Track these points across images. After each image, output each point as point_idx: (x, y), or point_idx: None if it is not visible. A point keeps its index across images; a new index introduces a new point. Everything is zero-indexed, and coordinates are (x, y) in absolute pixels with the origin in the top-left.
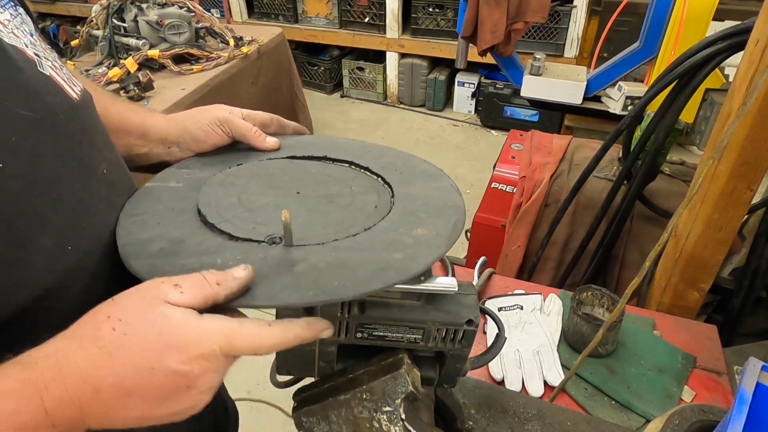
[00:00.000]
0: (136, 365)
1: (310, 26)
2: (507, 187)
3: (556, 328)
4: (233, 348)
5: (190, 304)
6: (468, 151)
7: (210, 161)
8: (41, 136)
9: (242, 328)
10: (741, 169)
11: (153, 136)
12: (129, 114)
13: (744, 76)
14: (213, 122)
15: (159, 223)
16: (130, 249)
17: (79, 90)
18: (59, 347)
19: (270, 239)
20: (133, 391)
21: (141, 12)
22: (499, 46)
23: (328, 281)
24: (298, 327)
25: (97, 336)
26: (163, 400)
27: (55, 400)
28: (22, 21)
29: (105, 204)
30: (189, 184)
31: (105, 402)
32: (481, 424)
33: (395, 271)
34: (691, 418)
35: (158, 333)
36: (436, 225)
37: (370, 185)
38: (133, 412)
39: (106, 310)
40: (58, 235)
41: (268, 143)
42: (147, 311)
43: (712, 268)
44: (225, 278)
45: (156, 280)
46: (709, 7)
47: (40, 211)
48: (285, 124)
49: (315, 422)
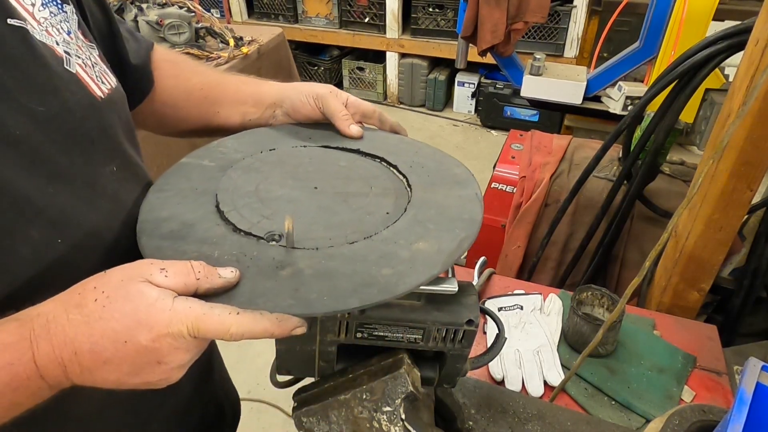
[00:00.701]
0: (111, 337)
1: (310, 26)
2: (507, 187)
3: (556, 328)
4: (200, 331)
5: (170, 287)
6: (468, 151)
7: (247, 142)
8: (50, 131)
9: (211, 313)
10: (741, 169)
11: (265, 102)
12: (243, 86)
13: (744, 76)
14: (310, 95)
15: (180, 203)
16: (146, 226)
17: (108, 88)
18: (50, 309)
19: (269, 236)
20: (108, 359)
21: (141, 12)
22: (499, 46)
23: (307, 292)
24: (268, 321)
25: (81, 304)
26: (135, 371)
27: (43, 356)
28: (63, 19)
29: (110, 200)
30: (221, 164)
31: (83, 365)
32: (481, 424)
33: (378, 289)
34: (691, 418)
35: (133, 309)
36: (441, 240)
37: (392, 187)
38: (110, 376)
39: (95, 281)
40: (48, 228)
41: (351, 130)
42: (128, 287)
43: (712, 268)
44: (211, 273)
45: (146, 261)
46: (709, 7)
47: (34, 203)
48: (385, 120)
49: (315, 422)
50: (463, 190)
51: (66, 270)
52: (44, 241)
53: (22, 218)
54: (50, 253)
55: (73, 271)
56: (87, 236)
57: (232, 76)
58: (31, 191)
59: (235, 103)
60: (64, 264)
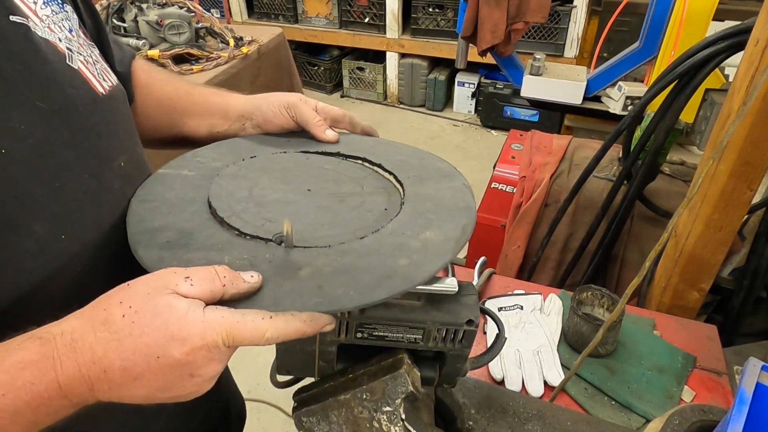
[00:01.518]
0: (143, 353)
1: (310, 26)
2: (507, 187)
3: (556, 328)
4: (235, 339)
5: (197, 296)
6: (468, 151)
7: (225, 151)
8: (55, 125)
9: (244, 320)
10: (741, 169)
11: (233, 114)
12: (212, 97)
13: (744, 76)
14: (282, 105)
15: (170, 212)
16: (140, 237)
17: (109, 85)
18: (75, 326)
19: (278, 238)
20: (139, 375)
21: (141, 12)
22: (499, 46)
23: (332, 288)
24: (299, 321)
25: (108, 320)
26: (167, 385)
27: (68, 376)
28: (64, 18)
29: (116, 196)
30: (202, 173)
31: (113, 382)
32: (481, 424)
33: (400, 279)
34: (691, 418)
35: (164, 323)
36: (445, 229)
37: (382, 185)
38: (139, 392)
39: (119, 294)
40: (53, 223)
41: (327, 135)
42: (156, 300)
43: (712, 268)
44: (236, 279)
45: (169, 270)
46: (709, 7)
47: (38, 198)
48: (356, 123)
49: (315, 422)
50: (451, 182)
51: (71, 265)
52: (48, 235)
53: (27, 213)
54: (54, 247)
55: (77, 266)
56: (91, 231)
57: (202, 87)
58: (36, 186)
59: (202, 115)
60: (68, 259)
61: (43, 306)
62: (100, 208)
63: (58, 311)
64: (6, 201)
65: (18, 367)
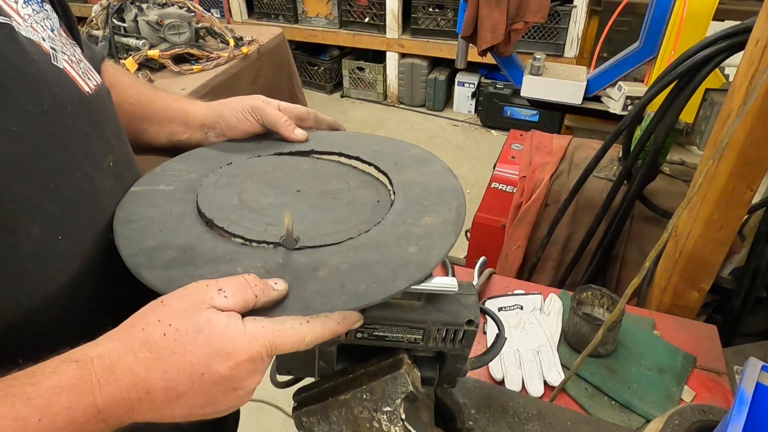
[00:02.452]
0: (187, 371)
1: (310, 26)
2: (507, 187)
3: (556, 328)
4: (277, 348)
5: (232, 308)
6: (468, 151)
7: (194, 162)
8: (46, 126)
9: (284, 328)
10: (741, 169)
11: (193, 123)
12: (172, 103)
13: (744, 76)
14: (246, 109)
15: (161, 230)
16: (139, 260)
17: (94, 84)
18: (112, 348)
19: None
20: (183, 393)
21: (141, 12)
22: (499, 46)
23: (355, 285)
24: (333, 321)
25: (149, 340)
26: (209, 401)
27: (107, 399)
28: (45, 17)
29: (108, 195)
30: (180, 186)
31: (154, 402)
32: (481, 424)
33: (415, 266)
34: (691, 418)
35: (206, 339)
36: (441, 212)
37: (366, 180)
38: (180, 411)
39: (156, 313)
40: (49, 224)
41: (297, 135)
42: (195, 317)
43: (712, 268)
44: (266, 286)
45: (201, 283)
46: (709, 7)
47: (33, 199)
48: (321, 119)
49: (315, 422)
50: (430, 167)
51: (68, 266)
52: (45, 237)
53: (23, 215)
54: (52, 248)
55: (75, 266)
56: (87, 232)
57: (165, 93)
58: (32, 187)
59: (162, 121)
60: (66, 260)
61: (44, 308)
62: (94, 208)
63: (59, 313)
64: (2, 203)
65: (54, 392)
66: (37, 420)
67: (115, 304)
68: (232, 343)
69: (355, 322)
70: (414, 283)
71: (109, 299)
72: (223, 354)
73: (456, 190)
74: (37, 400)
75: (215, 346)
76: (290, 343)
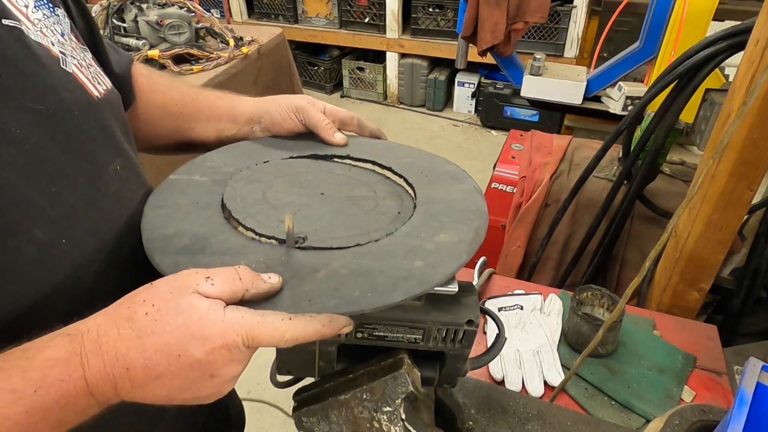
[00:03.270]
0: (164, 351)
1: (310, 26)
2: (507, 187)
3: (556, 328)
4: (255, 340)
5: (218, 296)
6: (468, 151)
7: (234, 155)
8: (51, 130)
9: (264, 321)
10: (741, 169)
11: (241, 118)
12: (218, 101)
13: (744, 76)
14: (290, 108)
15: (183, 218)
16: (156, 244)
17: (104, 89)
18: (100, 323)
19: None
20: (161, 374)
21: (141, 12)
22: (499, 46)
23: (350, 290)
24: (318, 323)
25: (132, 318)
26: (187, 385)
27: (94, 373)
28: (55, 21)
29: (112, 200)
30: (213, 178)
31: (134, 380)
32: (481, 424)
33: (417, 281)
34: (691, 418)
35: (185, 322)
36: (459, 231)
37: (394, 190)
38: (160, 392)
39: (143, 293)
40: (52, 228)
41: (336, 138)
42: (178, 299)
43: (712, 268)
44: (256, 279)
45: (191, 270)
46: (709, 7)
47: (36, 203)
48: (364, 126)
49: (315, 422)
50: (461, 185)
51: (71, 270)
52: (49, 241)
53: (26, 219)
54: (55, 253)
55: (78, 271)
56: (90, 236)
57: (207, 91)
58: (34, 191)
59: (210, 119)
60: (69, 264)
61: (46, 312)
62: (97, 213)
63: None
64: (4, 206)
65: (48, 364)
66: (32, 391)
67: None
68: (210, 328)
69: (343, 327)
70: (412, 297)
71: (112, 303)
72: (200, 338)
73: (481, 212)
74: (32, 373)
75: (192, 329)
76: (268, 337)
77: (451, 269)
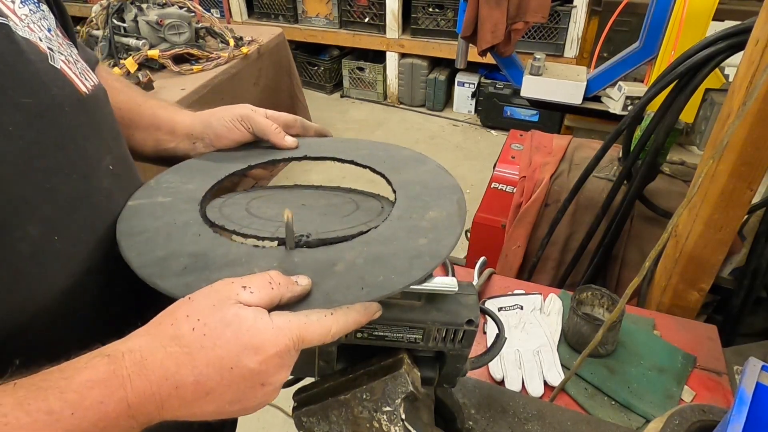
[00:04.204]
0: (216, 365)
1: (310, 26)
2: (507, 187)
3: (556, 328)
4: (304, 341)
5: (258, 304)
6: (468, 151)
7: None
8: (43, 126)
9: (310, 321)
10: (741, 169)
11: (180, 132)
12: (160, 111)
13: (744, 76)
14: (235, 119)
15: (168, 240)
16: (151, 270)
17: (92, 85)
18: (142, 343)
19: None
20: (212, 389)
21: (141, 12)
22: (499, 46)
23: (373, 277)
24: (356, 312)
25: (177, 335)
26: (237, 398)
27: (138, 394)
28: (42, 17)
29: (105, 197)
30: (179, 197)
31: (183, 398)
32: (481, 424)
33: (429, 256)
34: (691, 418)
35: (234, 333)
36: (443, 207)
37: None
38: (209, 407)
39: (184, 309)
40: (46, 225)
41: (288, 142)
42: (222, 311)
43: (712, 268)
44: (289, 282)
45: (227, 281)
46: (709, 7)
47: (30, 200)
48: (308, 126)
49: (315, 422)
50: (425, 166)
51: (65, 267)
52: (42, 238)
53: (19, 216)
54: (49, 250)
55: (73, 268)
56: (84, 233)
57: (154, 100)
58: (27, 188)
59: (149, 128)
60: (63, 261)
61: (41, 309)
62: (91, 209)
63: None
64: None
65: (86, 386)
66: (69, 414)
67: (115, 304)
68: (260, 336)
69: (375, 313)
70: (429, 271)
71: (108, 299)
72: (252, 348)
73: (453, 186)
74: (70, 394)
75: (244, 340)
76: (317, 335)
77: (453, 240)
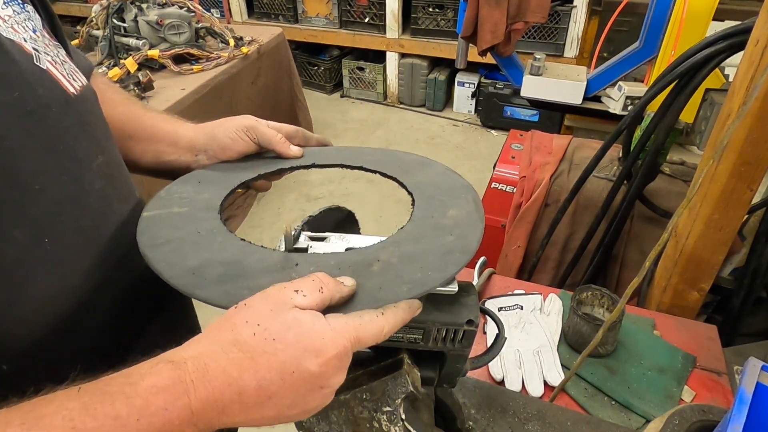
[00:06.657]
0: (278, 369)
1: (310, 26)
2: (507, 187)
3: (556, 328)
4: (360, 342)
5: (312, 306)
6: (468, 151)
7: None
8: (30, 127)
9: (364, 322)
10: (741, 169)
11: (182, 144)
12: (161, 123)
13: (744, 76)
14: (240, 129)
15: (195, 249)
16: (186, 280)
17: (80, 86)
18: (203, 350)
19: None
20: (274, 393)
21: (141, 12)
22: (499, 46)
23: (411, 274)
24: (402, 310)
25: (239, 340)
26: (297, 401)
27: (201, 400)
28: (26, 18)
29: (97, 198)
30: (196, 206)
31: (246, 404)
32: (481, 424)
33: (459, 252)
34: (691, 418)
35: (295, 337)
36: (461, 205)
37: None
38: (270, 412)
39: (242, 314)
40: (34, 227)
41: (293, 151)
42: (281, 316)
43: (712, 268)
44: (337, 284)
45: (278, 286)
46: (709, 7)
47: (17, 202)
48: (309, 137)
49: (315, 422)
50: (432, 168)
51: (56, 271)
52: (30, 241)
53: (5, 219)
54: (36, 253)
55: (63, 271)
56: (75, 235)
57: (154, 112)
58: (14, 191)
59: (150, 140)
60: (53, 265)
61: (32, 313)
62: (81, 211)
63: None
64: None
65: (151, 392)
66: (135, 420)
67: (106, 305)
68: (321, 339)
69: (417, 309)
70: (462, 266)
71: (100, 301)
72: (313, 350)
73: (466, 186)
74: (136, 400)
75: (304, 343)
76: (372, 335)
77: (478, 235)
